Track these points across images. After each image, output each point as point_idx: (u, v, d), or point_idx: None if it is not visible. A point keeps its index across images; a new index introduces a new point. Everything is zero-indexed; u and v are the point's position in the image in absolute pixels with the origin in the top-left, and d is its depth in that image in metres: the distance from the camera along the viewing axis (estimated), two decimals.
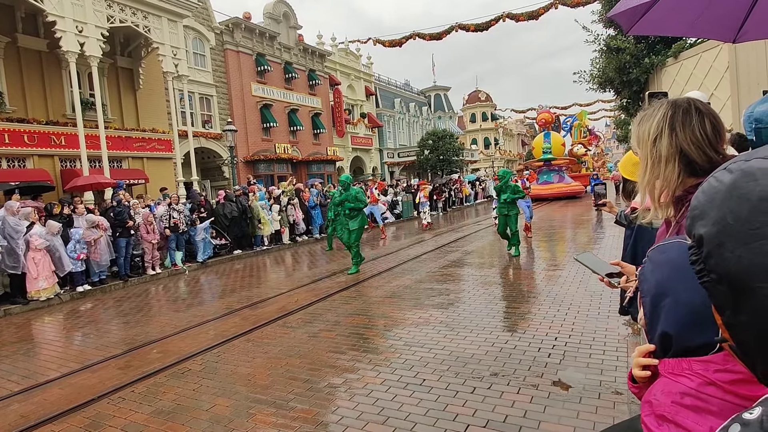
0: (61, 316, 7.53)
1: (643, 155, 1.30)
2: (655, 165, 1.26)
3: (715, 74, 11.85)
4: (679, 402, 0.87)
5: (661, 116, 1.26)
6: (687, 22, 2.34)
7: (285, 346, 5.02)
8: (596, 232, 12.18)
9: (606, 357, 4.08)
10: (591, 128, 37.08)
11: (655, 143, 1.25)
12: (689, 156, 1.22)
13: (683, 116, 1.23)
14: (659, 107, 1.30)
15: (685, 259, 0.87)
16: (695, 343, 0.87)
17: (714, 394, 0.84)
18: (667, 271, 0.95)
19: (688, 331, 0.89)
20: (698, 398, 0.86)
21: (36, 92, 13.85)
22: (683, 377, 0.89)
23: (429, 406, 3.43)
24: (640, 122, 1.33)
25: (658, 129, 1.25)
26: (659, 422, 0.88)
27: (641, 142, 1.30)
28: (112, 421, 3.57)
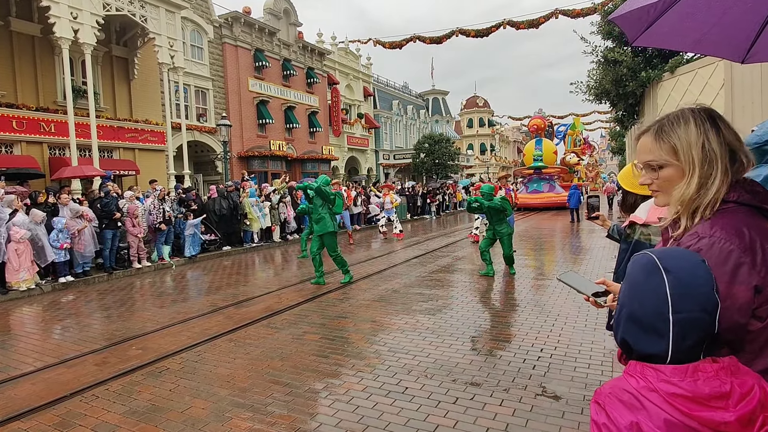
0: (40, 308, 7.37)
1: (687, 161, 1.18)
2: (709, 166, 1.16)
3: (711, 91, 11.92)
4: (616, 395, 0.96)
5: (696, 120, 1.19)
6: (695, 38, 2.27)
7: (268, 348, 4.92)
8: (585, 244, 12.19)
9: (591, 371, 4.04)
10: (585, 137, 36.52)
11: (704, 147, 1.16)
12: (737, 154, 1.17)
13: (716, 118, 1.19)
14: (681, 115, 1.22)
15: (639, 273, 1.00)
16: (647, 351, 0.96)
17: (653, 399, 0.91)
18: (628, 283, 1.02)
19: (639, 341, 0.98)
20: (636, 398, 0.93)
21: (27, 77, 13.64)
22: (633, 378, 0.97)
23: (409, 415, 3.36)
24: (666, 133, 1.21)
25: (703, 132, 1.17)
26: (595, 408, 0.99)
27: (684, 148, 1.18)
28: (83, 420, 3.46)
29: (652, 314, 0.94)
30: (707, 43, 2.20)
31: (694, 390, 0.90)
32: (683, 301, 0.92)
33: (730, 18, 2.03)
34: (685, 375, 0.91)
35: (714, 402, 0.89)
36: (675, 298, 0.92)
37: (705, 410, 0.89)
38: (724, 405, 0.89)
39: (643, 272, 0.98)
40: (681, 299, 0.92)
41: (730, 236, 1.09)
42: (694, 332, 0.93)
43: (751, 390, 0.92)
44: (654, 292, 0.95)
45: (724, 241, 1.08)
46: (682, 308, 0.92)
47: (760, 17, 1.98)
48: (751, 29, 2.05)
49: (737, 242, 1.09)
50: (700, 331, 0.93)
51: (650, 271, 0.97)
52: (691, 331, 0.92)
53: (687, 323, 0.92)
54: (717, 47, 2.26)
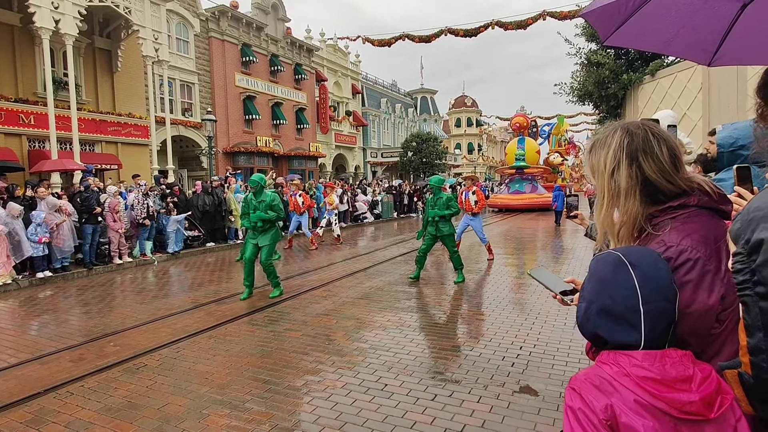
0: (16, 303, 7.22)
1: (600, 186, 1.22)
2: (614, 198, 1.19)
3: (689, 95, 12.14)
4: (591, 381, 1.01)
5: (617, 145, 1.18)
6: (663, 40, 2.32)
7: (248, 345, 4.90)
8: (568, 244, 12.34)
9: (568, 368, 4.10)
10: (570, 137, 36.02)
11: (613, 175, 1.17)
12: (656, 186, 1.15)
13: (643, 144, 1.16)
14: (611, 134, 1.21)
15: (607, 270, 1.06)
16: (623, 341, 1.02)
17: (626, 384, 0.97)
18: (595, 280, 1.07)
19: (613, 332, 1.03)
20: (610, 383, 0.99)
21: (6, 68, 13.33)
22: (606, 365, 1.03)
23: (388, 412, 3.37)
24: (592, 150, 1.25)
25: (615, 159, 1.17)
26: (570, 393, 1.03)
27: (596, 172, 1.22)
28: (56, 417, 3.40)
29: (624, 307, 1.01)
30: (676, 45, 2.25)
31: (662, 373, 0.97)
32: (650, 292, 1.01)
33: (697, 21, 2.07)
34: (654, 360, 0.99)
35: (679, 384, 0.97)
36: (644, 291, 1.01)
37: (672, 392, 0.96)
38: (688, 387, 0.97)
39: (611, 269, 1.05)
40: (648, 291, 1.01)
41: (696, 245, 1.11)
42: (661, 320, 1.01)
43: (710, 375, 1.00)
44: (624, 286, 1.02)
45: (691, 249, 1.10)
46: (650, 299, 1.00)
47: (724, 21, 2.03)
48: (717, 33, 2.10)
49: (703, 250, 1.11)
50: (666, 319, 1.02)
51: (618, 268, 1.05)
52: (658, 319, 1.01)
53: (655, 313, 1.01)
54: (685, 49, 2.30)
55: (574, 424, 0.99)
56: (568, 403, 1.03)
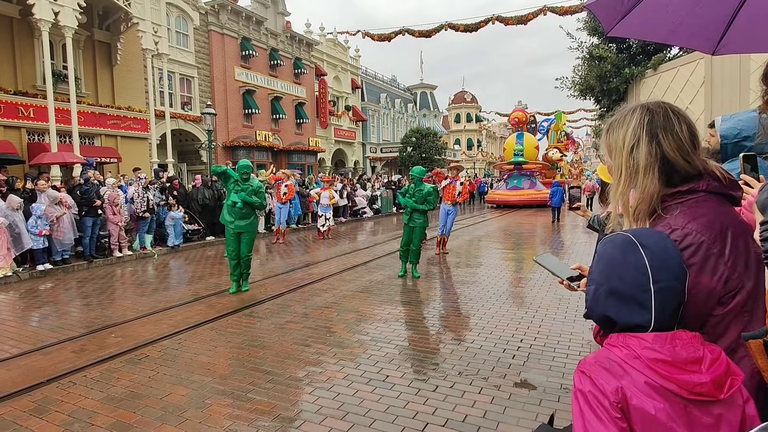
0: (17, 295, 7.22)
1: (617, 164, 1.23)
2: (632, 175, 1.19)
3: (691, 88, 12.13)
4: (601, 364, 1.01)
5: (637, 122, 1.19)
6: (668, 29, 2.31)
7: (249, 336, 4.91)
8: (567, 239, 12.36)
9: (569, 360, 4.12)
10: (569, 132, 35.59)
11: (632, 152, 1.18)
12: (674, 164, 1.16)
13: (664, 121, 1.17)
14: (631, 113, 1.22)
15: (616, 251, 1.05)
16: (633, 321, 1.02)
17: (636, 366, 0.98)
18: (604, 262, 1.08)
19: (623, 313, 1.03)
20: (620, 366, 0.99)
21: (5, 60, 13.25)
22: (616, 348, 1.03)
23: (390, 402, 3.39)
24: (611, 129, 1.26)
25: (635, 136, 1.18)
26: (579, 376, 1.02)
27: (614, 151, 1.23)
28: (59, 406, 3.41)
29: (634, 287, 1.01)
30: (680, 35, 2.24)
31: (673, 355, 0.97)
32: (660, 272, 1.01)
33: (701, 9, 2.06)
34: (665, 342, 0.99)
35: (690, 366, 0.97)
36: (654, 270, 1.00)
37: (682, 373, 0.96)
38: (698, 369, 0.97)
39: (620, 249, 1.06)
40: (659, 270, 1.01)
41: (701, 228, 1.12)
42: (672, 300, 1.01)
43: (719, 356, 1.01)
44: (634, 266, 1.02)
45: (696, 233, 1.12)
46: (660, 278, 1.00)
47: (729, 9, 2.02)
48: (721, 21, 2.09)
49: (708, 234, 1.12)
50: (676, 299, 1.02)
51: (627, 248, 1.05)
52: (669, 299, 1.01)
53: (665, 292, 1.00)
54: (689, 38, 2.29)
55: (585, 408, 0.98)
56: (578, 386, 1.02)
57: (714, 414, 0.97)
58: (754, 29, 2.05)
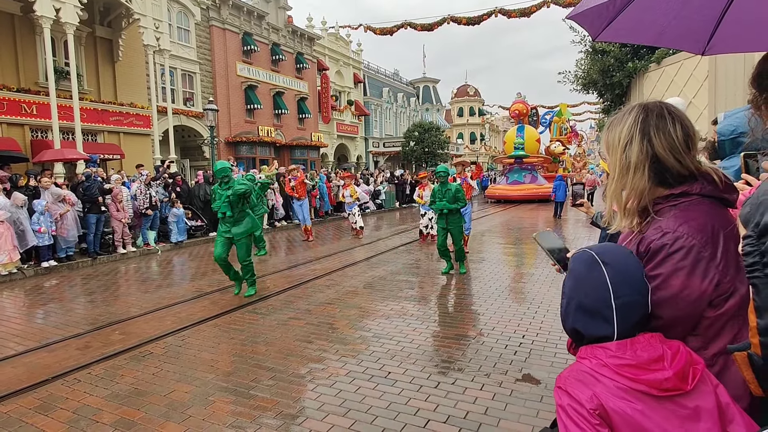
0: (22, 292, 7.28)
1: (612, 162, 1.26)
2: (624, 172, 1.22)
3: (695, 83, 12.04)
4: (574, 377, 1.07)
5: (632, 121, 1.21)
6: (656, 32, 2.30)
7: (252, 333, 4.94)
8: (570, 235, 12.34)
9: (570, 357, 4.07)
10: (572, 125, 34.90)
11: (625, 150, 1.20)
12: (664, 163, 1.18)
13: (657, 120, 1.19)
14: (629, 111, 1.24)
15: (582, 268, 1.12)
16: (597, 334, 1.09)
17: (605, 373, 1.04)
18: (573, 277, 1.14)
19: (589, 326, 1.10)
20: (591, 375, 1.05)
21: (7, 57, 13.26)
22: (586, 359, 1.10)
23: (391, 399, 3.40)
24: (610, 127, 1.28)
25: (629, 134, 1.20)
26: (558, 392, 1.08)
27: (611, 148, 1.26)
28: (64, 404, 3.45)
29: (598, 302, 1.08)
30: (669, 36, 2.24)
31: (635, 357, 1.04)
32: (621, 287, 1.07)
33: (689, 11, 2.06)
34: (626, 348, 1.06)
35: (653, 365, 1.03)
36: (615, 286, 1.07)
37: (647, 373, 1.03)
38: (661, 366, 1.03)
39: (585, 266, 1.12)
40: (620, 286, 1.07)
41: (692, 232, 1.13)
42: (634, 313, 1.08)
43: (678, 351, 1.07)
44: (597, 282, 1.09)
45: (687, 236, 1.13)
46: (621, 294, 1.07)
47: (716, 9, 2.02)
48: (709, 21, 2.08)
49: (699, 237, 1.13)
50: (638, 312, 1.08)
51: (591, 265, 1.11)
52: (630, 312, 1.07)
53: (627, 306, 1.07)
54: (678, 40, 2.29)
55: (567, 421, 1.03)
56: (558, 402, 1.07)
57: (690, 406, 1.01)
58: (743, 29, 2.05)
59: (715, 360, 1.17)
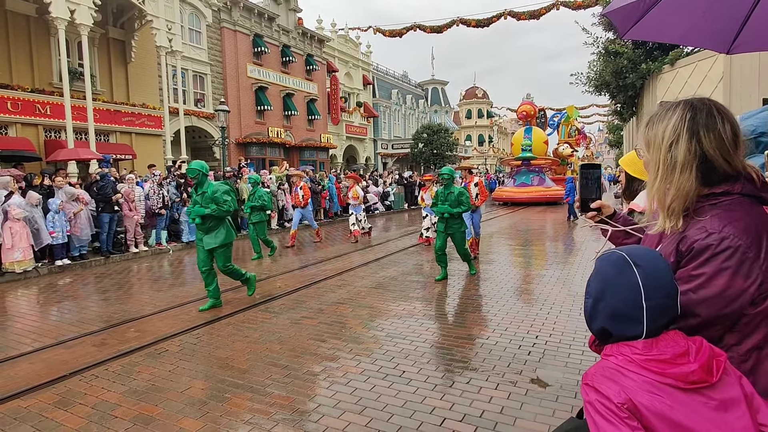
0: (37, 290, 7.37)
1: (654, 160, 1.22)
2: (668, 172, 1.19)
3: (710, 83, 11.93)
4: (601, 373, 1.08)
5: (679, 119, 1.18)
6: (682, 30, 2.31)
7: (266, 331, 4.96)
8: (579, 236, 12.26)
9: (585, 357, 4.10)
10: (581, 127, 33.64)
11: (671, 149, 1.17)
12: (713, 163, 1.15)
13: (707, 119, 1.16)
14: (673, 108, 1.21)
15: (612, 269, 1.13)
16: (627, 334, 1.10)
17: (632, 369, 1.05)
18: (600, 278, 1.15)
19: (618, 327, 1.11)
20: (618, 371, 1.06)
21: (22, 58, 13.47)
22: (612, 356, 1.11)
23: (407, 397, 3.41)
24: (650, 123, 1.25)
25: (675, 133, 1.17)
26: (585, 389, 1.09)
27: (652, 146, 1.22)
28: (83, 399, 3.49)
29: (628, 303, 1.08)
30: (694, 35, 2.24)
31: (662, 353, 1.06)
32: (652, 290, 1.07)
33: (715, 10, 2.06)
34: (652, 345, 1.07)
35: (679, 359, 1.05)
36: (647, 288, 1.07)
37: (674, 367, 1.04)
38: (686, 360, 1.05)
39: (615, 268, 1.12)
40: (651, 288, 1.07)
41: (738, 233, 1.13)
42: (664, 316, 1.09)
43: (701, 345, 1.08)
44: (628, 284, 1.09)
45: (733, 237, 1.12)
46: (652, 296, 1.07)
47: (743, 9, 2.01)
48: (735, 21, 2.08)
49: (744, 238, 1.12)
50: (667, 314, 1.09)
51: (622, 267, 1.11)
52: (660, 314, 1.08)
53: (657, 308, 1.07)
54: (703, 39, 2.29)
55: (596, 416, 1.03)
56: (586, 399, 1.08)
57: (717, 398, 1.03)
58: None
59: (748, 355, 1.17)
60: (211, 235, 5.75)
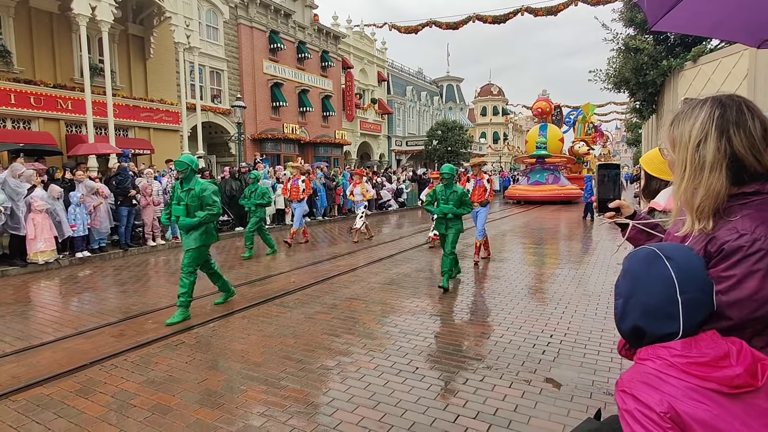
0: (58, 281, 7.54)
1: (681, 159, 1.18)
2: (696, 172, 1.14)
3: (734, 81, 11.65)
4: (639, 379, 1.03)
5: (707, 116, 1.14)
6: (712, 23, 2.26)
7: (280, 326, 5.01)
8: (596, 235, 12.11)
9: (600, 357, 4.06)
10: (597, 124, 32.46)
11: (699, 148, 1.13)
12: (744, 162, 1.12)
13: (737, 116, 1.12)
14: (700, 106, 1.17)
15: (641, 265, 1.09)
16: (662, 332, 1.04)
17: (672, 373, 1.00)
18: (630, 276, 1.10)
19: (653, 325, 1.05)
20: (657, 377, 1.01)
21: (45, 54, 13.75)
22: (649, 360, 1.05)
23: (420, 394, 3.41)
24: (676, 122, 1.21)
25: (703, 131, 1.13)
26: (621, 396, 1.03)
27: (679, 145, 1.18)
28: (102, 388, 3.57)
29: (662, 298, 1.04)
30: (724, 28, 2.19)
31: (702, 355, 1.00)
32: (687, 283, 1.03)
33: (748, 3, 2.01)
34: (692, 346, 1.02)
35: (721, 362, 1.00)
36: (680, 281, 1.03)
37: (717, 371, 0.99)
38: (728, 363, 1.00)
39: (645, 263, 1.08)
40: (685, 281, 1.03)
41: None
42: (700, 311, 1.04)
43: (742, 347, 1.04)
44: (660, 279, 1.05)
45: (765, 239, 1.09)
46: (687, 289, 1.03)
47: None
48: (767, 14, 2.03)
49: None
50: (703, 310, 1.04)
51: (653, 261, 1.07)
52: (696, 310, 1.03)
53: (692, 302, 1.03)
54: (734, 32, 2.24)
55: (635, 426, 0.98)
56: (623, 407, 1.02)
57: (762, 404, 0.98)
58: None
59: None
60: (189, 236, 5.38)
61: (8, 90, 12.47)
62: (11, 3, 12.82)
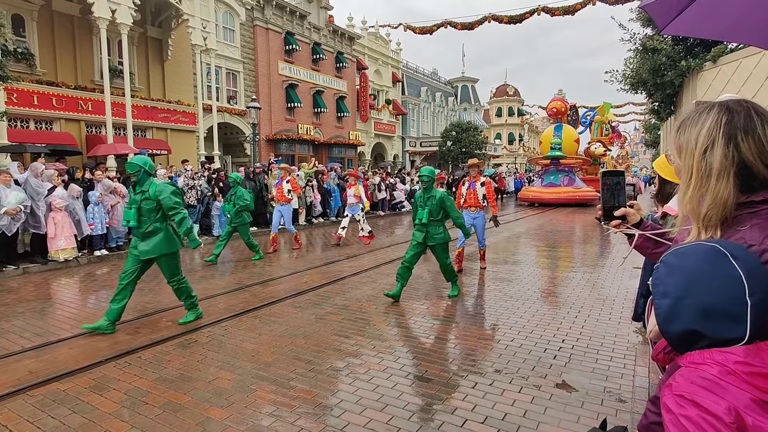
0: (77, 278, 7.71)
1: (687, 166, 1.14)
2: (703, 179, 1.10)
3: (755, 82, 11.38)
4: (699, 384, 0.93)
5: (713, 122, 1.10)
6: (725, 26, 2.20)
7: (291, 326, 5.05)
8: (612, 237, 11.93)
9: (613, 363, 4.00)
10: (615, 125, 31.46)
11: (705, 155, 1.10)
12: (752, 169, 1.07)
13: (745, 122, 1.08)
14: (707, 111, 1.14)
15: (701, 263, 0.99)
16: (725, 336, 0.95)
17: (732, 382, 0.90)
18: (684, 274, 1.00)
19: (714, 328, 0.96)
20: (717, 384, 0.91)
21: (66, 56, 14.08)
22: (705, 365, 0.95)
23: (429, 397, 3.41)
24: (682, 128, 1.18)
25: (710, 138, 1.09)
26: (678, 402, 0.94)
27: (684, 152, 1.14)
28: (116, 384, 3.64)
29: (727, 299, 0.94)
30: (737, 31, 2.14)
31: (766, 366, 0.91)
32: (755, 283, 0.94)
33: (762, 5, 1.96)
34: (755, 354, 0.92)
35: None
36: (749, 282, 0.94)
37: None
38: None
39: (708, 261, 0.98)
40: (753, 282, 0.94)
41: None
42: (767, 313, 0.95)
43: None
44: (726, 278, 0.95)
45: None
46: (755, 290, 0.94)
47: None
48: None
49: None
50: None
51: (716, 259, 0.98)
52: (764, 311, 0.94)
53: (761, 304, 0.94)
54: (747, 35, 2.18)
55: None
56: (681, 413, 0.93)
57: None
58: None
59: None
60: (148, 242, 4.98)
61: (31, 92, 12.81)
62: (34, 7, 13.16)
